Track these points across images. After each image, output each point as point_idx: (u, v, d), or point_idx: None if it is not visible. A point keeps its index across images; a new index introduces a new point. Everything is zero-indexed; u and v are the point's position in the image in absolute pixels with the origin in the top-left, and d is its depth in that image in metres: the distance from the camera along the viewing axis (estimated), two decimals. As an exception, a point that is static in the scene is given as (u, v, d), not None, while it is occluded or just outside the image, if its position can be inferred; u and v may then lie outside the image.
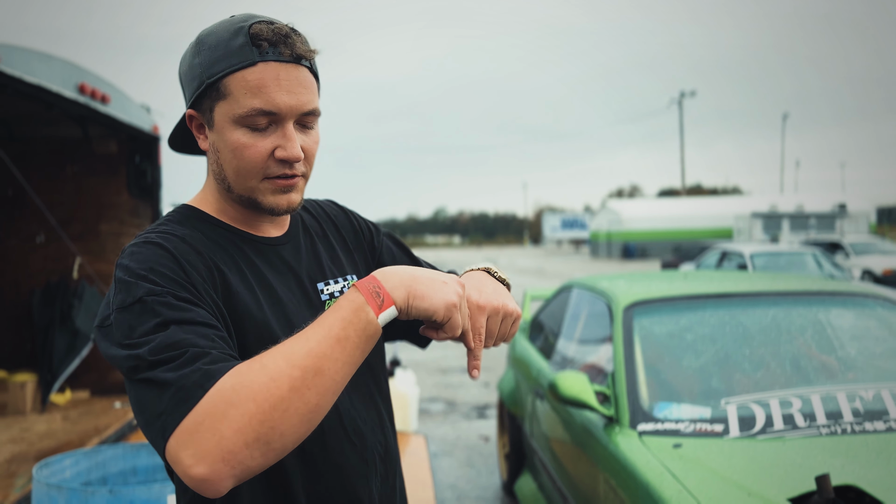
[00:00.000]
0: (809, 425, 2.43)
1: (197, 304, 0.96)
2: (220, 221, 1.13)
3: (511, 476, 4.35)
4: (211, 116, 1.07)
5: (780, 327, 3.06)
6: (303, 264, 1.18)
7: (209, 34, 1.08)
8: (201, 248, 1.05)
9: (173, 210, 1.15)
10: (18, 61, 3.33)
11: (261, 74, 1.03)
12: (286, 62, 1.05)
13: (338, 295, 1.20)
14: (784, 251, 12.48)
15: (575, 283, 4.19)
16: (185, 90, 1.11)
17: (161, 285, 0.95)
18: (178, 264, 0.99)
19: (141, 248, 1.01)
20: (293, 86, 1.05)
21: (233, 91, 1.04)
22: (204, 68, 1.06)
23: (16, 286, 5.31)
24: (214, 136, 1.08)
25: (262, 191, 1.08)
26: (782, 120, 61.81)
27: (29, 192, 4.31)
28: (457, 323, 0.99)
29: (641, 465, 2.31)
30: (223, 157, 1.08)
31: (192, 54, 1.08)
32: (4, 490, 3.55)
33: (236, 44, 1.04)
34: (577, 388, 2.70)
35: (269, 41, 1.04)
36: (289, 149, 1.05)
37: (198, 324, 0.93)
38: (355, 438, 1.15)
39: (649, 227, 41.59)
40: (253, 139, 1.05)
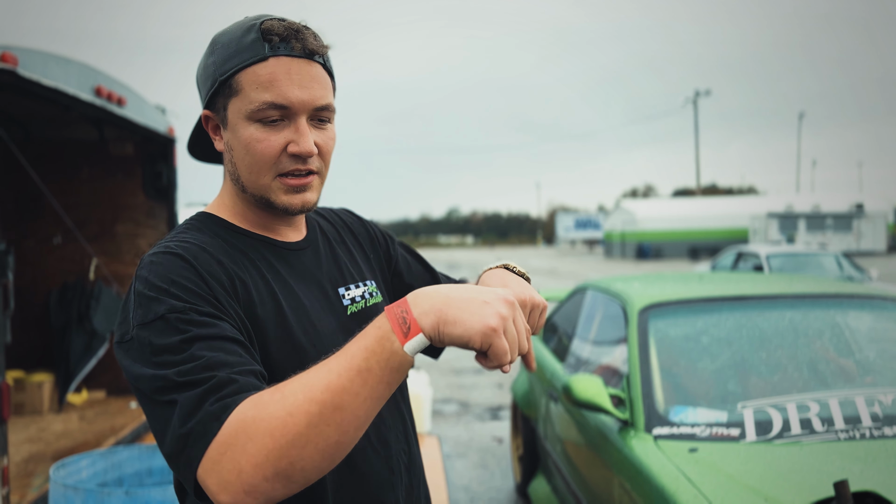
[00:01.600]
0: (827, 430, 2.40)
1: (220, 317, 0.94)
2: (240, 227, 1.12)
3: (525, 478, 4.33)
4: (225, 115, 1.07)
5: (798, 330, 3.03)
6: (323, 269, 1.17)
7: (222, 34, 1.08)
8: (222, 256, 1.03)
9: (192, 217, 1.14)
10: (36, 64, 3.36)
11: (272, 69, 1.02)
12: (298, 57, 1.04)
13: (358, 300, 1.19)
14: (801, 252, 12.37)
15: (589, 285, 4.17)
16: (201, 92, 1.11)
17: (183, 300, 0.93)
18: (199, 276, 0.97)
19: (160, 259, 0.98)
20: (305, 80, 1.04)
21: (244, 87, 1.03)
22: (217, 66, 1.06)
23: (33, 287, 5.36)
24: (229, 135, 1.08)
25: (275, 189, 1.07)
26: (798, 119, 61.34)
27: (46, 194, 4.35)
28: (500, 350, 0.83)
29: (657, 469, 2.29)
30: (237, 155, 1.07)
31: (207, 55, 1.09)
32: (22, 489, 3.58)
33: (248, 40, 1.04)
34: (592, 391, 2.69)
35: (280, 36, 1.03)
36: (301, 143, 1.04)
37: (223, 339, 0.91)
38: (379, 446, 1.14)
39: (664, 227, 41.36)
40: (265, 134, 1.04)
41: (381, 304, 1.25)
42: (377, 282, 1.28)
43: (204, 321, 0.92)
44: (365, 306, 1.20)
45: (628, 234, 42.35)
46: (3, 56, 3.09)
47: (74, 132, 5.28)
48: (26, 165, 4.06)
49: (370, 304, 1.21)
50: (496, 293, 0.87)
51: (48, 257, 5.49)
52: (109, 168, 5.47)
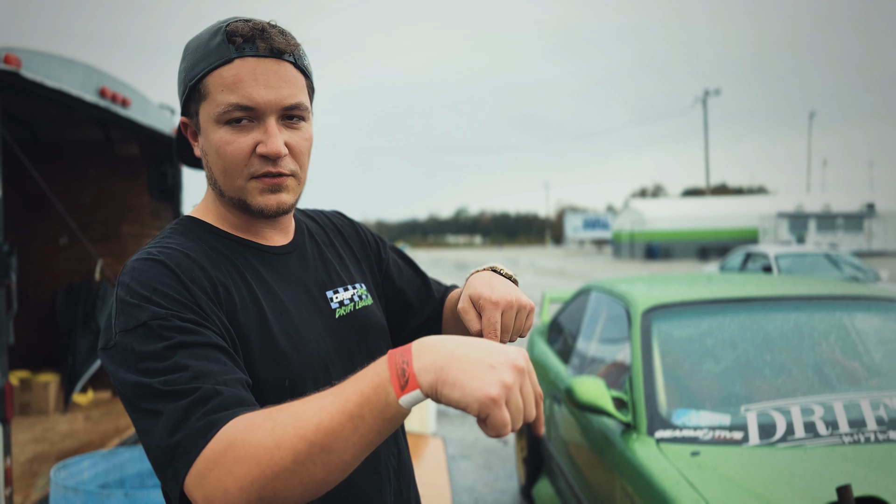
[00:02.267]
0: (832, 433, 2.37)
1: (203, 324, 0.93)
2: (223, 231, 1.11)
3: (529, 480, 4.32)
4: (197, 120, 1.07)
5: (803, 332, 3.00)
6: (310, 273, 1.16)
7: (193, 39, 1.08)
8: (205, 262, 1.03)
9: (176, 222, 1.14)
10: (39, 66, 3.37)
11: (237, 70, 1.01)
12: (264, 57, 1.03)
13: (347, 303, 1.18)
14: (810, 252, 12.28)
15: (593, 286, 4.15)
16: (179, 100, 1.10)
17: (165, 307, 0.92)
18: (181, 283, 0.96)
19: (142, 266, 0.98)
20: (271, 80, 1.02)
21: (211, 90, 1.03)
22: (187, 72, 1.05)
23: (39, 287, 5.39)
24: (203, 140, 1.07)
25: (250, 191, 1.06)
26: (809, 118, 60.99)
27: (49, 196, 4.37)
28: (499, 421, 0.76)
29: (658, 473, 2.27)
30: (211, 160, 1.07)
31: (180, 61, 1.08)
32: (26, 490, 3.59)
33: (214, 43, 1.03)
34: (594, 393, 2.67)
35: (244, 37, 1.02)
36: (269, 144, 1.02)
37: (206, 346, 0.91)
38: None
39: (673, 227, 41.21)
40: (234, 136, 1.03)
41: (372, 306, 1.24)
42: (367, 284, 1.27)
43: (187, 328, 0.91)
44: (354, 309, 1.19)
45: (637, 234, 42.22)
46: (6, 58, 3.10)
47: (80, 133, 5.30)
48: (30, 167, 4.07)
49: (360, 306, 1.20)
50: (507, 356, 0.80)
51: (54, 258, 5.51)
52: (115, 169, 5.49)
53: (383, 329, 1.25)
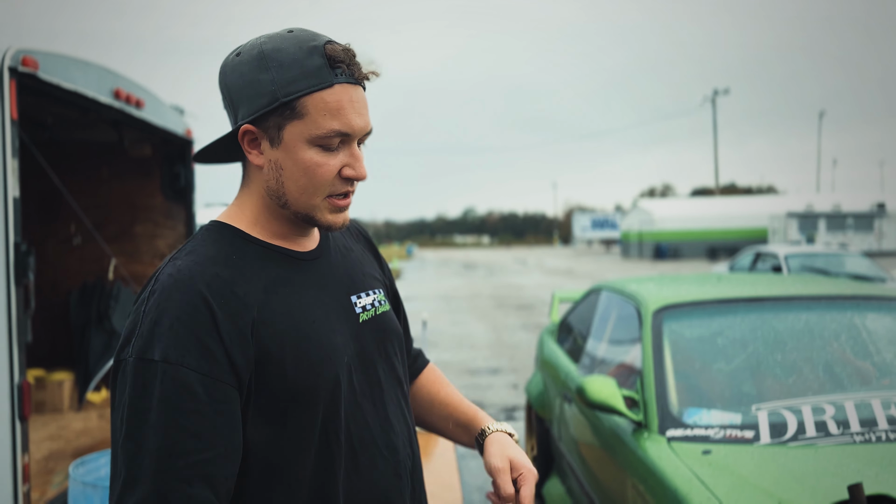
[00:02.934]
0: (843, 433, 2.38)
1: (217, 378, 0.98)
2: (257, 239, 1.13)
3: (539, 479, 4.33)
4: (278, 134, 1.07)
5: (814, 332, 3.01)
6: (336, 277, 1.19)
7: (277, 51, 1.06)
8: (238, 281, 1.05)
9: (210, 227, 1.15)
10: (56, 68, 3.41)
11: (338, 97, 1.05)
12: (354, 84, 1.08)
13: (369, 308, 1.22)
14: (820, 252, 12.24)
15: (604, 286, 4.17)
16: (242, 104, 1.08)
17: (183, 350, 0.97)
18: (212, 317, 1.00)
19: (178, 290, 1.01)
20: (361, 107, 1.08)
21: (311, 111, 1.05)
22: (278, 86, 1.04)
23: (54, 287, 5.44)
24: (279, 154, 1.08)
25: (322, 209, 1.11)
26: (819, 117, 60.67)
27: (65, 196, 4.41)
28: None
29: (670, 471, 2.29)
30: (288, 175, 1.08)
31: (257, 69, 1.06)
32: (43, 486, 3.64)
33: (313, 64, 1.04)
34: (606, 392, 2.69)
35: (345, 63, 1.06)
36: (357, 168, 1.10)
37: (199, 414, 0.97)
38: (388, 452, 1.16)
39: (682, 227, 41.08)
40: (325, 158, 1.07)
41: (390, 312, 1.28)
42: (385, 291, 1.30)
43: (193, 392, 0.97)
44: (375, 314, 1.22)
45: (646, 233, 42.12)
46: (24, 60, 3.14)
47: (94, 134, 5.35)
48: (47, 168, 4.12)
49: (380, 311, 1.24)
50: None
51: (68, 257, 5.56)
52: (128, 169, 5.53)
53: (399, 333, 1.28)
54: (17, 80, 3.13)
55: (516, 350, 10.36)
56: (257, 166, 1.11)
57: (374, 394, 1.17)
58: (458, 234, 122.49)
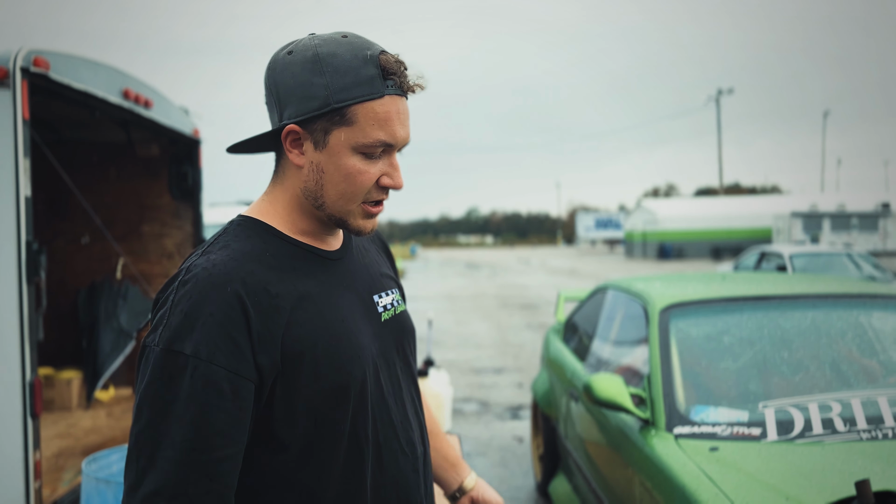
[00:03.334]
0: (849, 430, 2.40)
1: (241, 376, 1.01)
2: (289, 237, 1.15)
3: (545, 477, 4.35)
4: (324, 138, 1.08)
5: (820, 330, 3.02)
6: (360, 277, 1.22)
7: (333, 55, 1.07)
8: (270, 278, 1.07)
9: (242, 222, 1.15)
10: (67, 68, 3.44)
11: (388, 108, 1.08)
12: (401, 95, 1.10)
13: (389, 307, 1.24)
14: (825, 252, 12.24)
15: (610, 285, 4.18)
16: (291, 104, 1.08)
17: (212, 346, 0.99)
18: (245, 316, 1.02)
19: (215, 288, 1.02)
20: (405, 119, 1.11)
21: (360, 120, 1.06)
22: (331, 91, 1.06)
23: (62, 286, 5.47)
24: (322, 157, 1.09)
25: (356, 214, 1.13)
26: (823, 117, 60.57)
27: (76, 195, 4.45)
28: None
29: (678, 468, 2.31)
30: (329, 178, 1.10)
31: (311, 71, 1.06)
32: (53, 483, 3.67)
33: (367, 73, 1.06)
34: (613, 390, 2.70)
35: (397, 75, 1.08)
36: (395, 178, 1.12)
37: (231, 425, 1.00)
38: (408, 450, 1.19)
39: (686, 226, 41.02)
40: (366, 166, 1.09)
41: (406, 312, 1.31)
42: (399, 291, 1.33)
43: (221, 389, 0.99)
44: (395, 313, 1.26)
45: (650, 233, 42.07)
46: (36, 60, 3.17)
47: (102, 134, 5.38)
48: (58, 167, 4.15)
49: (398, 311, 1.27)
50: None
51: (76, 256, 5.59)
52: (136, 169, 5.56)
53: (414, 333, 1.32)
54: (28, 80, 3.16)
55: (521, 349, 10.37)
56: (297, 166, 1.11)
57: (395, 392, 1.20)
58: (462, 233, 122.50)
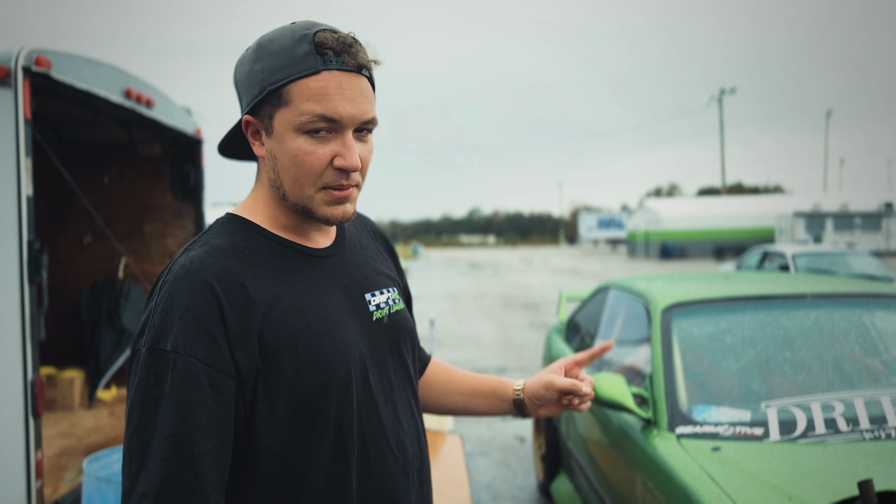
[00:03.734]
0: (852, 430, 2.39)
1: (220, 371, 1.00)
2: (271, 233, 1.13)
3: (547, 477, 4.35)
4: (270, 123, 1.07)
5: (823, 330, 3.01)
6: (351, 275, 1.19)
7: (271, 41, 1.07)
8: (248, 275, 1.06)
9: (225, 219, 1.15)
10: (69, 68, 3.44)
11: (324, 83, 1.03)
12: (349, 71, 1.05)
13: (383, 306, 1.22)
14: (827, 252, 12.21)
15: (612, 285, 4.18)
16: (243, 96, 1.10)
17: (192, 341, 0.99)
18: (220, 310, 1.01)
19: (190, 283, 1.02)
20: (355, 95, 1.05)
21: (295, 98, 1.04)
22: (266, 75, 1.05)
23: (65, 285, 5.47)
24: (273, 144, 1.08)
25: (318, 201, 1.09)
26: (826, 117, 60.47)
27: (78, 194, 4.45)
28: None
29: (680, 468, 2.30)
30: (281, 165, 1.08)
31: (252, 60, 1.08)
32: (55, 483, 3.67)
33: (301, 51, 1.04)
34: (615, 390, 2.70)
35: (333, 50, 1.04)
36: (348, 158, 1.06)
37: (211, 420, 0.99)
38: (398, 452, 1.17)
39: (688, 226, 40.99)
40: (313, 147, 1.05)
41: (405, 311, 1.28)
42: (399, 289, 1.31)
43: (200, 383, 0.99)
44: (389, 312, 1.23)
45: (652, 233, 42.04)
46: (38, 60, 3.17)
47: (104, 134, 5.38)
48: (60, 167, 4.15)
49: (394, 310, 1.24)
50: None
51: (79, 256, 5.60)
52: (138, 169, 5.56)
53: (413, 332, 1.29)
54: (30, 79, 3.16)
55: (523, 349, 10.36)
56: (261, 157, 1.12)
57: (386, 392, 1.18)
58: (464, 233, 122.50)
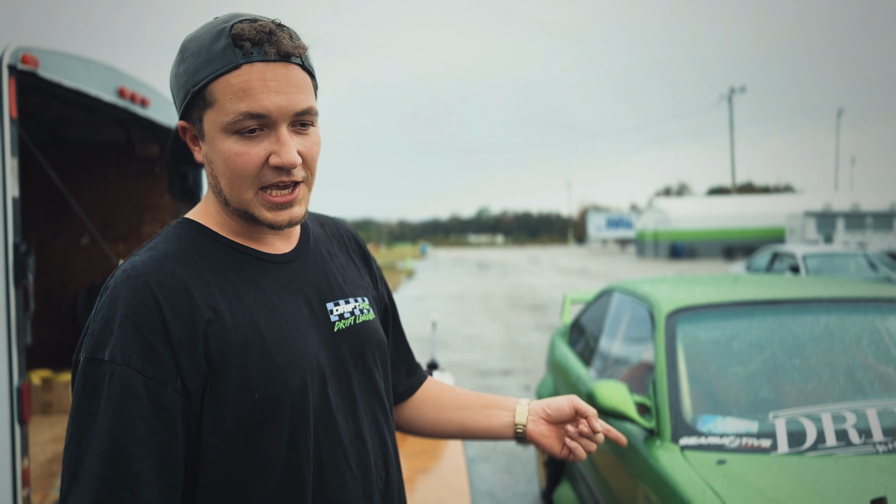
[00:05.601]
0: (865, 442, 2.28)
1: (159, 381, 0.94)
2: (223, 238, 1.06)
3: (550, 485, 4.25)
4: (201, 127, 1.01)
5: (834, 336, 2.90)
6: (311, 282, 1.11)
7: (192, 39, 1.01)
8: (194, 281, 0.99)
9: (174, 225, 1.09)
10: (57, 66, 3.37)
11: (246, 77, 0.96)
12: (273, 62, 0.97)
13: (347, 316, 1.13)
14: (838, 252, 12.05)
15: (616, 287, 4.07)
16: (175, 101, 1.05)
17: (128, 350, 0.93)
18: (161, 317, 0.95)
19: (130, 286, 0.96)
20: (282, 86, 0.97)
21: (218, 98, 0.97)
22: (188, 77, 0.99)
23: (61, 287, 5.42)
24: (207, 147, 1.02)
25: (258, 205, 1.02)
26: (837, 116, 60.04)
27: (66, 197, 4.38)
28: None
29: (683, 481, 2.20)
30: (217, 169, 1.02)
31: (177, 63, 1.02)
32: (44, 490, 3.60)
33: (218, 47, 0.97)
34: (616, 398, 2.59)
35: (251, 41, 0.97)
36: (283, 154, 0.98)
37: (151, 435, 0.93)
38: (358, 472, 1.08)
39: (698, 226, 40.79)
40: (244, 147, 0.98)
41: (373, 321, 1.19)
42: (370, 298, 1.21)
43: (138, 395, 0.92)
44: (354, 323, 1.14)
45: (661, 233, 41.85)
46: (24, 57, 3.10)
47: (101, 134, 5.33)
48: (48, 168, 4.09)
49: (360, 320, 1.15)
50: None
51: (76, 258, 5.55)
52: (136, 169, 5.51)
53: (382, 344, 1.20)
54: (16, 78, 3.08)
55: (529, 351, 10.26)
56: (200, 162, 1.06)
57: (346, 407, 1.09)
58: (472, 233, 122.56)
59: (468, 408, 1.34)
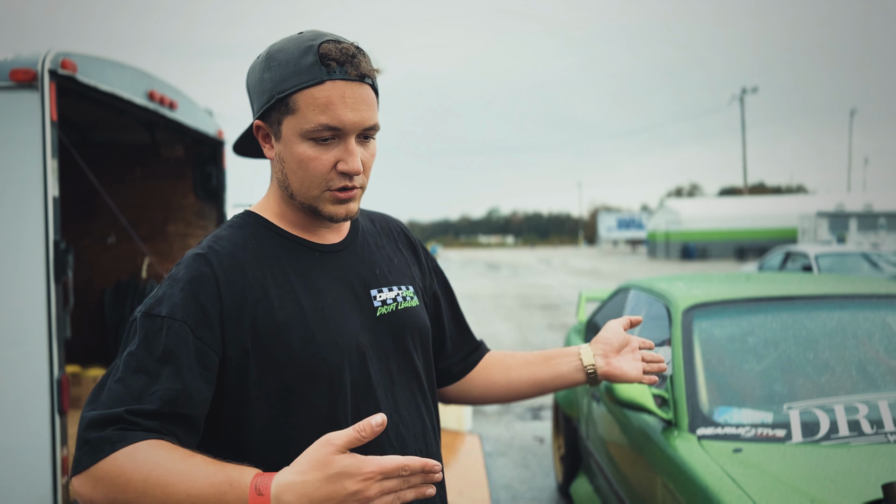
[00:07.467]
0: (876, 432, 2.36)
1: (208, 344, 1.08)
2: (279, 228, 1.21)
3: (567, 478, 4.34)
4: (279, 129, 1.14)
5: (846, 331, 2.98)
6: (357, 271, 1.24)
7: (279, 50, 1.14)
8: (250, 263, 1.14)
9: (238, 215, 1.24)
10: (94, 70, 3.49)
11: (328, 93, 1.10)
12: (351, 81, 1.11)
13: (390, 302, 1.25)
14: (851, 252, 12.05)
15: (632, 285, 4.16)
16: (254, 101, 1.18)
17: (188, 322, 1.07)
18: (217, 290, 1.10)
19: (195, 263, 1.13)
20: (357, 103, 1.11)
21: (301, 107, 1.10)
22: (274, 83, 1.12)
23: (89, 285, 5.54)
24: (281, 147, 1.15)
25: (323, 200, 1.16)
26: (850, 116, 59.68)
27: (103, 195, 4.51)
28: None
29: (701, 469, 2.29)
30: (288, 168, 1.15)
31: (262, 68, 1.15)
32: (80, 479, 3.72)
33: (306, 62, 1.10)
34: (635, 391, 2.68)
35: (336, 61, 1.10)
36: (350, 163, 1.13)
37: (180, 357, 1.06)
38: (397, 443, 1.19)
39: (709, 227, 40.65)
40: (318, 152, 1.12)
41: (416, 308, 1.30)
42: (416, 287, 1.33)
43: (189, 349, 1.06)
44: (396, 309, 1.25)
45: (673, 233, 41.74)
46: (64, 63, 3.22)
47: (128, 135, 5.44)
48: (85, 169, 4.21)
49: (402, 307, 1.27)
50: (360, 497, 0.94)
51: (103, 256, 5.67)
52: (161, 170, 5.62)
53: (423, 329, 1.30)
54: (56, 82, 3.21)
55: (541, 349, 10.32)
56: (271, 159, 1.19)
57: (386, 384, 1.21)
58: (483, 234, 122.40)
59: (533, 363, 1.46)
